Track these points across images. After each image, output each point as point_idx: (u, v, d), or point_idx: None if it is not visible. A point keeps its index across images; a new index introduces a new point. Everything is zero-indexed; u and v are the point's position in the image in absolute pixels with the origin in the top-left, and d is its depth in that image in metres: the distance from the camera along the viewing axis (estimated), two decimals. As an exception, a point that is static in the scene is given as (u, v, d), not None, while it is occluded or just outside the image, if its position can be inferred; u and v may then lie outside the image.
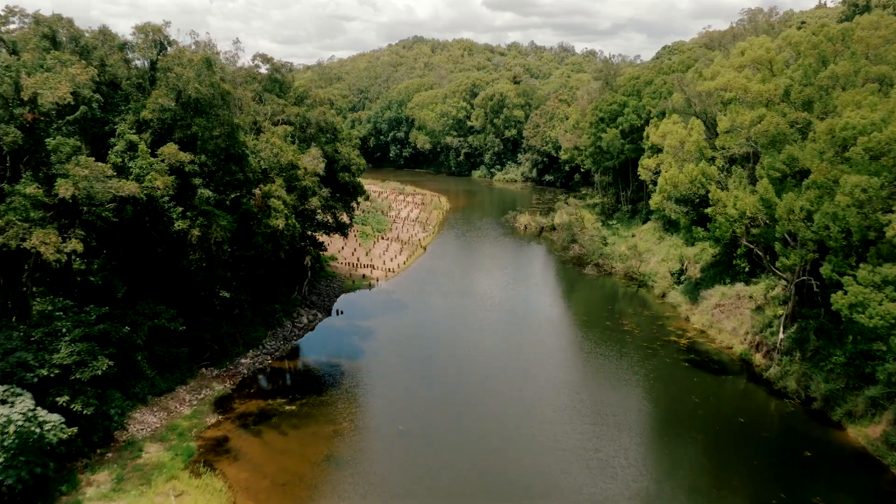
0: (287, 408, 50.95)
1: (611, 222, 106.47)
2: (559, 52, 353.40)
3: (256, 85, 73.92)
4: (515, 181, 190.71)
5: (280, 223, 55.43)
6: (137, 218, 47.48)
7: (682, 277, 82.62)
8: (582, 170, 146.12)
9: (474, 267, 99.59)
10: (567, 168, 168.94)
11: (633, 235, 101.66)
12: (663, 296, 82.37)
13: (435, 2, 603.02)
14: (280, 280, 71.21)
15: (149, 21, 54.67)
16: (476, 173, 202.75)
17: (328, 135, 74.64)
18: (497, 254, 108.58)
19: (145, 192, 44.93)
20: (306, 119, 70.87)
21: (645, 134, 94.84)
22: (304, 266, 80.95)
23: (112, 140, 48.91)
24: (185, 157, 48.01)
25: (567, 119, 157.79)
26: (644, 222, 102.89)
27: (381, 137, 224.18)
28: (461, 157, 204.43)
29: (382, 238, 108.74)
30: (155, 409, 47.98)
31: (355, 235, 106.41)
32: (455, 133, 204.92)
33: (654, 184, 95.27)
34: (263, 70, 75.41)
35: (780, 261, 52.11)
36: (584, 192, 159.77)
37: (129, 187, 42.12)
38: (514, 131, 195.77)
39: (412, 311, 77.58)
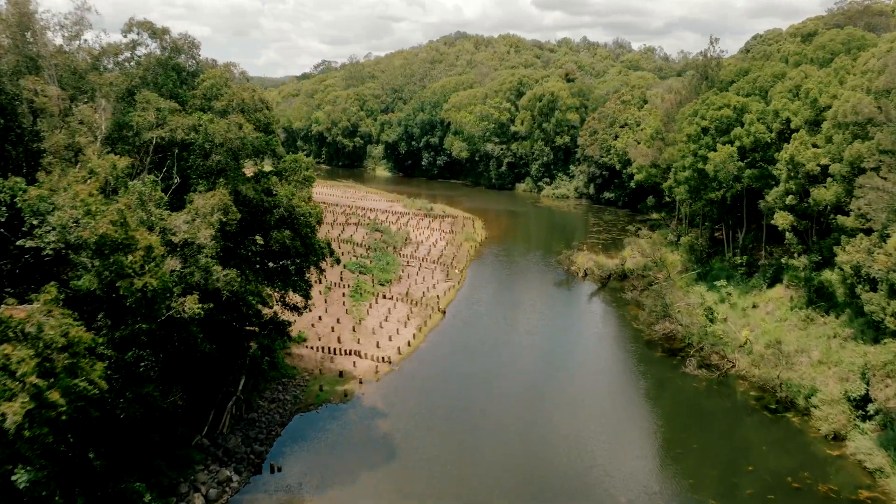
0: None
1: (718, 283, 70.08)
2: (614, 49, 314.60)
3: (138, 71, 40.86)
4: (567, 197, 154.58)
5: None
6: None
7: (871, 408, 46.61)
8: (668, 195, 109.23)
9: (512, 348, 64.67)
10: (633, 185, 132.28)
11: (753, 306, 65.29)
12: (835, 438, 46.52)
13: (483, 1, 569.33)
14: (161, 426, 37.87)
15: None
16: (520, 187, 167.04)
17: (258, 159, 41.15)
18: (547, 324, 73.37)
19: None
20: (208, 137, 37.33)
21: (787, 155, 58.52)
22: (238, 367, 47.97)
23: None
24: None
25: (639, 126, 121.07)
26: (770, 285, 66.41)
27: (413, 143, 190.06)
28: (503, 168, 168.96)
29: (384, 296, 74.58)
30: None
31: (344, 294, 72.66)
32: (497, 139, 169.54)
33: (798, 236, 59.10)
34: (151, 48, 42.18)
35: None
36: (655, 216, 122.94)
37: None
38: (566, 138, 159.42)
39: (408, 457, 43.65)
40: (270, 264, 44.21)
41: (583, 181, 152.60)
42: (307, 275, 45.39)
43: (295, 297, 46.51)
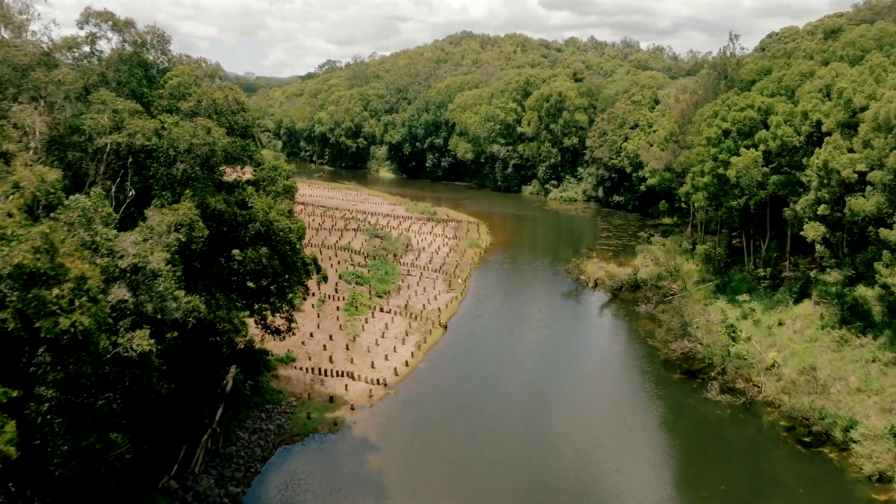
0: None
1: (739, 297, 64.83)
2: (622, 49, 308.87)
3: (99, 67, 36.07)
4: (575, 200, 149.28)
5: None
6: None
7: (919, 445, 41.40)
8: (683, 201, 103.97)
9: (517, 369, 59.59)
10: (643, 188, 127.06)
11: (779, 324, 60.05)
12: (880, 479, 41.38)
13: (490, 1, 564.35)
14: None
15: None
16: (527, 189, 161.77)
17: (235, 166, 36.28)
18: (555, 340, 68.32)
19: None
20: (172, 143, 32.46)
21: (819, 161, 53.18)
22: (216, 397, 43.35)
23: None
24: None
25: (651, 127, 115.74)
26: (797, 300, 61.13)
27: (417, 144, 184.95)
28: (509, 170, 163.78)
29: (382, 309, 69.60)
30: None
31: (338, 307, 67.73)
32: (502, 140, 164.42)
33: (829, 248, 53.96)
34: (115, 42, 37.33)
35: None
36: (667, 221, 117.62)
37: None
38: (574, 139, 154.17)
39: (402, 498, 38.83)
40: (250, 284, 39.32)
41: (591, 184, 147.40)
42: (291, 294, 40.41)
43: (277, 320, 41.61)
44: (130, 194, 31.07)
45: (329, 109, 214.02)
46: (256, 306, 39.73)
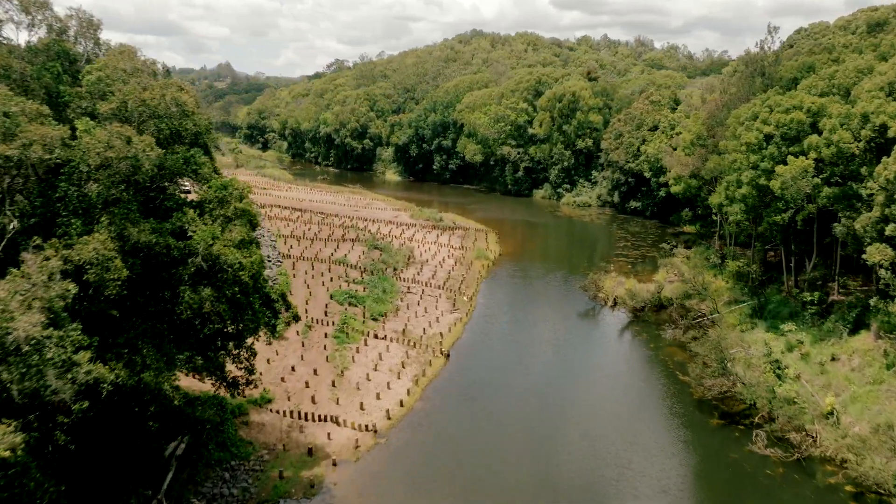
0: None
1: (783, 326, 56.28)
2: (636, 48, 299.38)
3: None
4: (589, 206, 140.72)
5: None
6: None
7: None
8: (714, 212, 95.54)
9: (528, 406, 51.17)
10: (662, 193, 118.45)
11: (832, 359, 51.44)
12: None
13: (501, 0, 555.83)
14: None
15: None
16: (538, 193, 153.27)
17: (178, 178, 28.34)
18: (570, 371, 59.95)
19: None
20: (83, 157, 24.63)
21: (887, 172, 44.55)
22: (164, 461, 35.62)
23: None
24: None
25: (673, 129, 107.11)
26: (853, 331, 52.53)
27: (424, 146, 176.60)
28: (520, 173, 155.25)
29: (376, 335, 61.39)
30: None
31: (326, 334, 59.67)
32: (513, 142, 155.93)
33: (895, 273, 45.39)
34: (42, 31, 29.44)
35: None
36: (690, 230, 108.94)
37: None
38: (588, 141, 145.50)
39: None
40: (201, 327, 31.33)
41: (606, 188, 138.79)
42: (249, 339, 32.44)
43: (231, 366, 33.68)
44: (13, 226, 23.20)
45: (334, 110, 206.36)
46: (209, 355, 31.71)
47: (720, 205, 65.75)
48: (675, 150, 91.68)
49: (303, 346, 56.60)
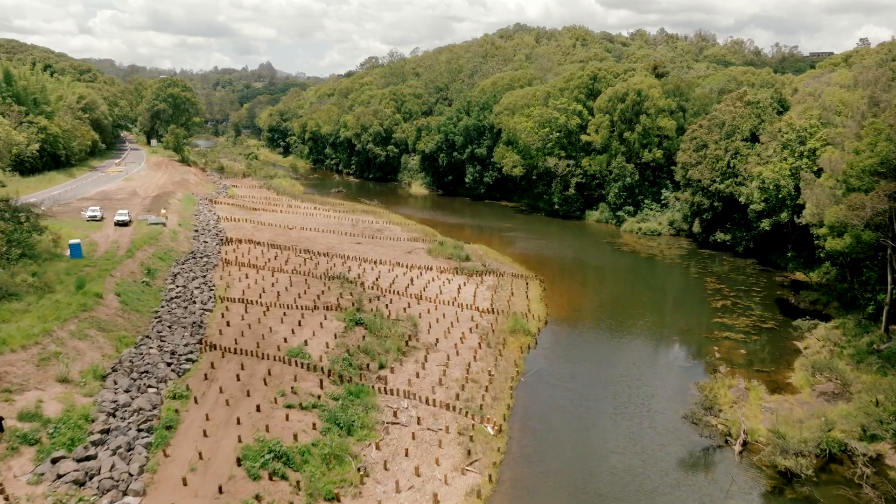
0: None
1: None
2: (696, 42, 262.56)
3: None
4: (659, 234, 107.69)
5: None
6: None
7: None
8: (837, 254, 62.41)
9: None
10: (760, 226, 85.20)
11: None
12: None
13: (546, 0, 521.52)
14: None
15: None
16: (592, 215, 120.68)
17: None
18: None
19: None
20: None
21: None
22: None
23: None
24: None
25: (803, 145, 73.83)
26: None
27: (455, 154, 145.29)
28: (570, 190, 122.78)
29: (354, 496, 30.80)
30: None
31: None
32: (562, 152, 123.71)
33: None
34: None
35: None
36: (800, 276, 75.27)
37: None
38: (657, 152, 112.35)
39: None
40: None
41: (682, 213, 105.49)
42: None
43: None
44: None
45: (356, 111, 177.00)
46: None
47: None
48: (817, 176, 58.68)
49: None
